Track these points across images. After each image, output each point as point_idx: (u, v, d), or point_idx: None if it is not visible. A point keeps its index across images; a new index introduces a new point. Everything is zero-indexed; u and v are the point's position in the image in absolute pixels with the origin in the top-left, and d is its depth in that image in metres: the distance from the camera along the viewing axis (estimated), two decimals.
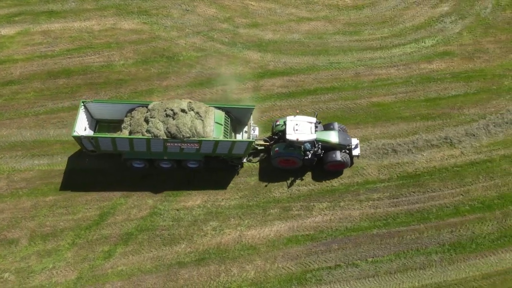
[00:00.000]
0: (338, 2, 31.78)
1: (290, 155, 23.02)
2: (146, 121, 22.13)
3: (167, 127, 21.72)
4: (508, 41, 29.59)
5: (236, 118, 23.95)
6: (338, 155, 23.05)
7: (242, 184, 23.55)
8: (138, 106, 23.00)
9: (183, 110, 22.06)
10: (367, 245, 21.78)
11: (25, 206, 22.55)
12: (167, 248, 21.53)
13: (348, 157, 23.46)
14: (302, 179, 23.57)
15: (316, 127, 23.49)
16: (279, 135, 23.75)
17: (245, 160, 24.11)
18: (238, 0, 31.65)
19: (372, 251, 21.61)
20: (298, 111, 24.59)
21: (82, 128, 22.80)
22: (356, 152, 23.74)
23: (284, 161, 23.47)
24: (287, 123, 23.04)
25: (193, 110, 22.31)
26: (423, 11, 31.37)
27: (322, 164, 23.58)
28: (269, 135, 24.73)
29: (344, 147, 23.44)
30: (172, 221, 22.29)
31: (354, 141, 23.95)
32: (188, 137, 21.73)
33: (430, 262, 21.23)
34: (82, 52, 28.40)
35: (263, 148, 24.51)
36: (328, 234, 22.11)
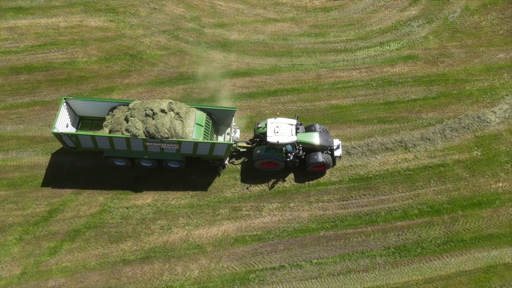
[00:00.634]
0: (307, 4, 31.82)
1: (272, 157, 23.03)
2: (126, 120, 22.20)
3: (146, 127, 21.76)
4: (474, 46, 29.58)
5: (218, 120, 23.98)
6: (320, 157, 23.10)
7: (194, 184, 23.63)
8: (120, 105, 23.05)
9: (163, 110, 22.07)
10: (313, 247, 21.86)
11: None
12: (113, 246, 21.65)
13: (330, 158, 23.53)
14: (250, 183, 23.74)
15: (298, 129, 23.63)
16: (261, 138, 23.85)
17: (227, 162, 24.20)
18: (207, 0, 31.78)
19: (318, 253, 21.69)
20: (279, 113, 24.49)
21: (64, 125, 22.86)
22: (338, 153, 23.78)
23: (266, 163, 23.53)
24: (268, 126, 23.06)
25: (173, 111, 22.31)
26: (391, 15, 31.37)
27: (305, 166, 23.69)
28: (251, 138, 24.85)
29: (326, 148, 23.51)
30: (121, 219, 22.40)
31: (336, 142, 24.03)
32: (167, 138, 21.74)
33: (374, 265, 21.30)
34: (46, 49, 28.53)
35: (245, 150, 24.57)
36: (276, 235, 22.19)
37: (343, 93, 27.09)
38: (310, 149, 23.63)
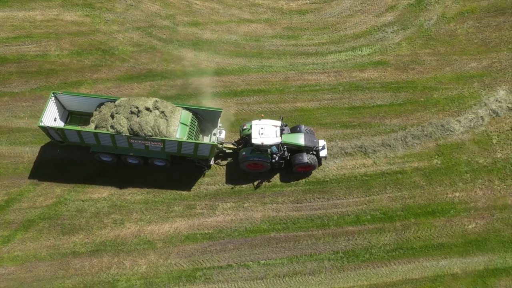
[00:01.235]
0: (283, 6, 31.90)
1: (257, 159, 23.18)
2: (112, 117, 22.44)
3: (130, 124, 21.96)
4: (447, 54, 29.45)
5: (205, 120, 24.13)
6: (305, 157, 23.22)
7: (152, 181, 23.85)
8: (107, 101, 23.30)
9: (148, 109, 22.24)
10: (262, 247, 21.99)
11: None
12: (65, 238, 21.97)
13: (316, 159, 23.65)
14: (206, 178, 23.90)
15: (283, 130, 23.81)
16: (246, 139, 23.97)
17: (212, 163, 24.35)
18: None
19: (266, 254, 21.81)
20: (263, 115, 24.63)
21: (52, 119, 23.20)
22: (324, 153, 23.88)
23: (252, 165, 23.67)
24: (253, 127, 23.23)
25: (158, 109, 22.46)
26: (367, 20, 31.33)
27: (291, 167, 23.82)
28: (238, 139, 24.97)
29: (311, 149, 23.63)
30: (76, 212, 22.71)
31: (321, 143, 24.12)
32: (150, 136, 21.90)
33: (321, 269, 21.38)
34: (21, 41, 28.94)
35: (232, 152, 24.70)
36: (227, 234, 22.36)
37: (309, 96, 27.16)
38: (296, 150, 23.76)
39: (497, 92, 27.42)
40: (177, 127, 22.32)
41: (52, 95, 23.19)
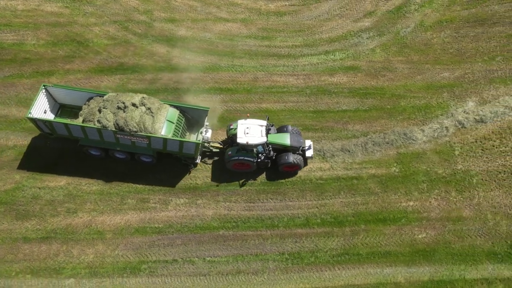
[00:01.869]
0: (261, 7, 32.03)
1: (243, 158, 23.41)
2: (99, 111, 22.80)
3: (116, 119, 22.32)
4: (420, 63, 29.27)
5: (193, 118, 24.39)
6: (291, 157, 23.39)
7: (111, 172, 24.22)
8: (96, 95, 23.68)
9: (134, 104, 22.53)
10: (210, 245, 22.23)
11: None
12: (18, 223, 22.46)
13: (301, 159, 23.80)
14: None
15: (269, 130, 24.03)
16: (232, 139, 24.16)
17: (199, 161, 24.54)
18: None
19: (213, 251, 22.05)
20: (249, 115, 24.88)
21: (41, 111, 23.66)
22: (309, 154, 24.01)
23: (238, 164, 23.87)
24: (238, 127, 23.42)
25: (145, 106, 22.73)
26: (344, 24, 31.30)
27: (277, 166, 24.01)
28: (224, 139, 25.19)
29: (297, 149, 23.78)
30: (31, 198, 23.19)
31: (307, 143, 24.28)
32: (135, 132, 22.21)
33: (265, 269, 21.54)
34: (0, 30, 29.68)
35: (218, 151, 24.94)
36: (176, 229, 22.63)
37: (275, 98, 27.27)
38: (282, 150, 23.95)
39: (466, 104, 27.24)
40: (163, 124, 22.56)
41: (43, 88, 23.60)
